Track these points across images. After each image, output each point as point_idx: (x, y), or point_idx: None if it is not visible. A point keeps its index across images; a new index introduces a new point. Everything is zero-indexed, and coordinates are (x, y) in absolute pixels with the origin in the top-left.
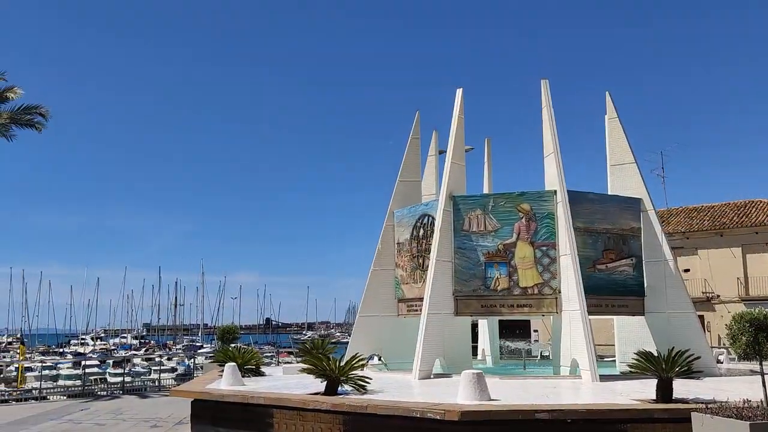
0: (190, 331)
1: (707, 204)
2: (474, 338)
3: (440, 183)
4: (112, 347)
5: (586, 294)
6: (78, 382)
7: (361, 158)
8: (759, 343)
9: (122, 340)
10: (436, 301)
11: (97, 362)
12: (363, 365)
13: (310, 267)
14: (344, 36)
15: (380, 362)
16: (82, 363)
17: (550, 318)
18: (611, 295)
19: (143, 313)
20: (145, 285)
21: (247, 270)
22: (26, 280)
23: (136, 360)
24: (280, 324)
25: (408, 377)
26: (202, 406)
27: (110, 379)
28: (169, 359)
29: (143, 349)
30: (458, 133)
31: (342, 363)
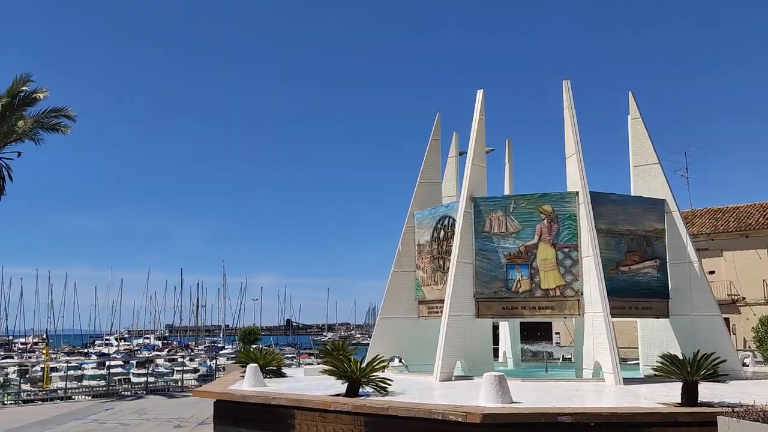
0: (212, 332)
1: (732, 205)
2: (495, 340)
3: (461, 184)
4: (136, 348)
5: (609, 296)
6: (102, 383)
7: (381, 160)
8: None
9: (145, 341)
10: (457, 303)
11: (121, 363)
12: (384, 367)
13: (330, 269)
14: (363, 38)
15: (401, 364)
16: (107, 363)
17: (572, 320)
18: (635, 297)
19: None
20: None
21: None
22: (52, 282)
23: (159, 360)
24: (300, 325)
25: (429, 379)
26: (225, 407)
27: (134, 380)
28: (191, 360)
29: (166, 350)
30: (479, 134)
31: (363, 364)
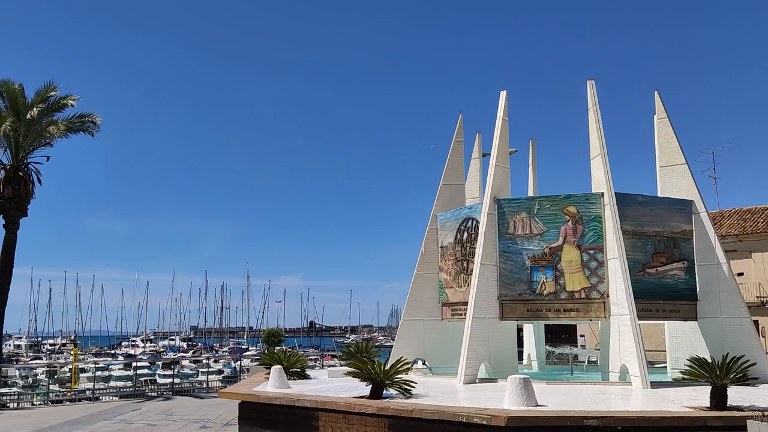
0: (236, 333)
1: (761, 206)
2: (519, 343)
3: (484, 186)
4: (161, 349)
5: (635, 298)
6: (129, 383)
7: (404, 162)
8: None
9: (171, 343)
10: (480, 306)
11: (147, 364)
12: (407, 369)
13: (353, 271)
14: (387, 39)
15: (424, 366)
16: (133, 364)
17: (598, 323)
18: (662, 300)
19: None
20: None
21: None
22: (80, 284)
23: (184, 362)
24: (323, 327)
25: (453, 382)
26: (250, 408)
27: (160, 381)
28: (215, 361)
29: (191, 352)
30: (502, 135)
31: (387, 367)
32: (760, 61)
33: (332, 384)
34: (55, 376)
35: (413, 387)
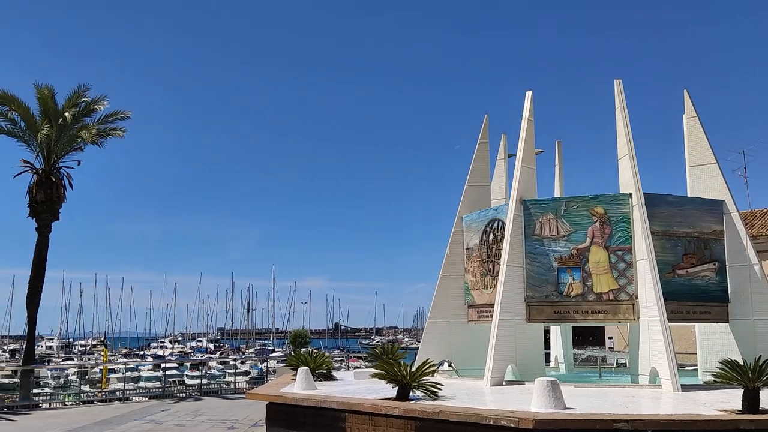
0: (262, 335)
1: None
2: (546, 345)
3: (510, 187)
4: (189, 350)
5: (665, 300)
6: (158, 384)
7: (428, 163)
8: None
9: (198, 344)
10: (507, 307)
11: (175, 365)
12: (434, 371)
13: (378, 272)
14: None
15: (450, 368)
16: (162, 365)
17: (627, 325)
18: (692, 301)
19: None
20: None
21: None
22: (109, 286)
23: (211, 363)
24: (348, 329)
25: (479, 384)
26: (277, 409)
27: (188, 381)
28: (242, 362)
29: (218, 353)
30: (528, 136)
31: (413, 368)
32: None
33: (358, 386)
34: (86, 377)
35: (439, 389)
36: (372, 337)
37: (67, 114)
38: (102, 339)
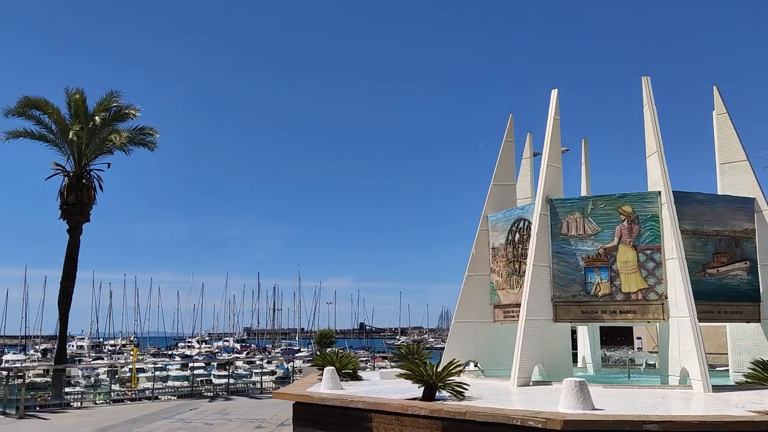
0: (288, 335)
1: None
2: (573, 345)
3: (536, 186)
4: (216, 350)
5: (695, 300)
6: (185, 383)
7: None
8: None
9: (225, 344)
10: (533, 307)
11: (203, 364)
12: (460, 371)
13: (403, 273)
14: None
15: (477, 368)
16: (189, 365)
17: (656, 325)
18: (723, 301)
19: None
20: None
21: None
22: (138, 286)
23: (238, 363)
24: (373, 329)
25: (506, 384)
26: (304, 409)
27: (215, 381)
28: (268, 362)
29: (245, 353)
30: (554, 135)
31: (439, 369)
32: None
33: (384, 386)
34: (116, 376)
35: (466, 389)
36: (397, 337)
37: (97, 118)
38: (131, 339)
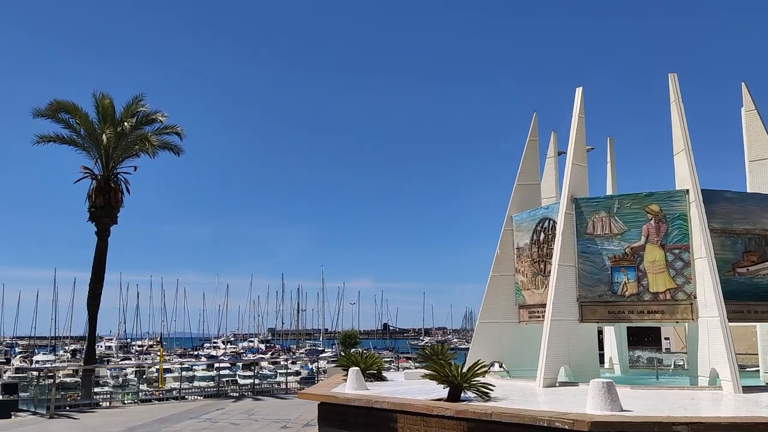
0: (312, 335)
1: None
2: (600, 346)
3: (560, 185)
4: (241, 351)
5: (725, 299)
6: (211, 384)
7: (476, 162)
8: None
9: (249, 344)
10: (559, 308)
11: (228, 365)
12: (485, 372)
13: (426, 273)
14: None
15: (502, 369)
16: (215, 365)
17: (684, 325)
18: (754, 301)
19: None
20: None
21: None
22: (164, 288)
23: (263, 363)
24: (397, 329)
25: (531, 385)
26: (329, 409)
27: (240, 381)
28: (293, 363)
29: (269, 353)
30: (578, 133)
31: (464, 369)
32: None
33: (409, 386)
34: (144, 376)
35: (491, 390)
36: (421, 337)
37: (126, 123)
38: (158, 339)
